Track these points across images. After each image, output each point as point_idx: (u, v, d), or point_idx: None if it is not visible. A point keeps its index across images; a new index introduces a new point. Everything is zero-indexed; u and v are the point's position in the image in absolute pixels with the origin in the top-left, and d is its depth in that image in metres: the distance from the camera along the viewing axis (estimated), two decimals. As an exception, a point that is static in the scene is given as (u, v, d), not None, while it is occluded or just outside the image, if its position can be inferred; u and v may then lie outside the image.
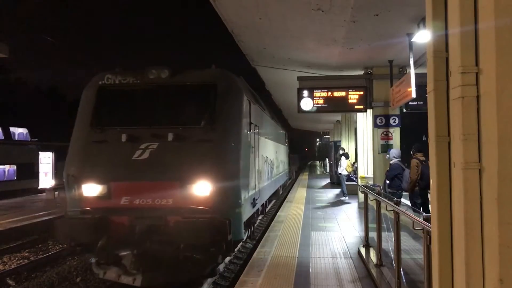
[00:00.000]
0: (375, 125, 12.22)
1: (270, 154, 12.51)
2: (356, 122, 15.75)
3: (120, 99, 7.67)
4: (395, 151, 9.86)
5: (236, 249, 9.34)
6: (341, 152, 17.32)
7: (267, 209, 15.19)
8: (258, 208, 10.40)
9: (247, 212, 7.77)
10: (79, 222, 6.55)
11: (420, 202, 8.63)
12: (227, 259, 8.60)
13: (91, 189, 6.90)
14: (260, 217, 13.46)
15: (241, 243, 9.71)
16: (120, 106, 7.68)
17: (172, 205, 6.64)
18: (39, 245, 11.55)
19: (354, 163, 17.35)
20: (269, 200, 14.73)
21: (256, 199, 8.94)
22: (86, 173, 6.94)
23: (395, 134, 12.18)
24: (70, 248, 7.06)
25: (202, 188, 6.66)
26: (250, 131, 8.21)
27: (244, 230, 7.53)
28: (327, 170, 32.56)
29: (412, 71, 9.08)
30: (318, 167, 51.94)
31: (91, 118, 7.42)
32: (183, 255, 6.46)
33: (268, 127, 12.33)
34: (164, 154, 6.81)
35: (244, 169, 7.37)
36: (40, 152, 23.73)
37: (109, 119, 7.47)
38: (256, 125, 9.17)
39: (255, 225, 11.61)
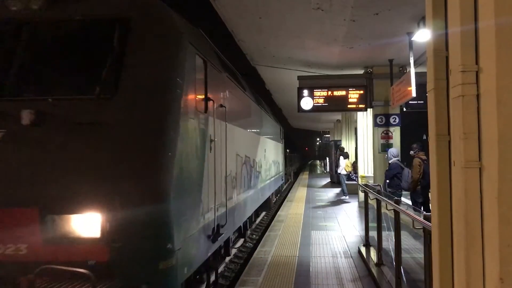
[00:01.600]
0: (375, 124, 12.23)
1: (253, 152, 9.26)
2: (356, 121, 15.77)
3: None
4: (394, 150, 9.87)
5: None
6: (339, 151, 17.38)
7: (254, 225, 11.97)
8: (229, 238, 7.05)
9: (192, 260, 4.37)
10: None
11: (421, 201, 8.64)
12: (227, 258, 8.35)
13: None
14: (239, 244, 9.60)
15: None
16: None
17: (25, 257, 3.48)
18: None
19: (354, 162, 17.37)
20: (256, 213, 11.70)
21: (221, 226, 5.62)
22: None
23: (396, 133, 12.19)
24: None
25: (86, 223, 3.52)
26: (205, 112, 4.95)
27: None
28: (327, 170, 32.58)
29: (412, 70, 9.08)
30: (318, 167, 51.99)
31: None
32: None
33: (249, 113, 9.07)
34: (12, 152, 3.68)
35: (184, 181, 4.12)
36: None
37: None
38: (222, 106, 5.93)
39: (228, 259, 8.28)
